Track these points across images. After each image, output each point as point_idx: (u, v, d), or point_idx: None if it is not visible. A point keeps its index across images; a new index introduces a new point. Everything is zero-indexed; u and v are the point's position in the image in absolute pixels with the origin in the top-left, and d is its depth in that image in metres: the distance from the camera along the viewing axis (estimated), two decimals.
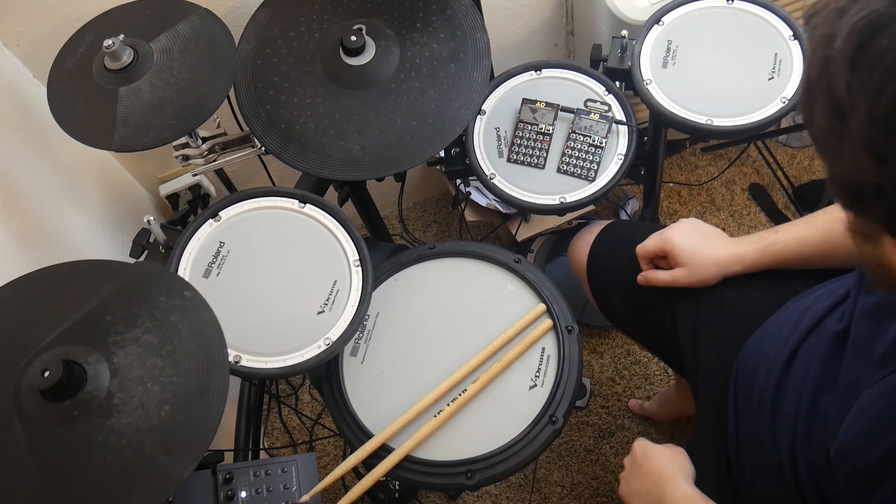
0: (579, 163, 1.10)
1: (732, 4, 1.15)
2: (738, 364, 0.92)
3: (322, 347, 0.91)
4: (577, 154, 1.10)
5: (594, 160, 1.09)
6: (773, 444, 0.82)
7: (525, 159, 1.11)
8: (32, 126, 1.12)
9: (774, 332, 0.89)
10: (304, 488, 0.87)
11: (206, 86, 0.97)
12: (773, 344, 0.87)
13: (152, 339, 0.78)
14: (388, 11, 1.08)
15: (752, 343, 0.92)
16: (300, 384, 1.71)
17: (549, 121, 1.13)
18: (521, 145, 1.12)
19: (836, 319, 0.78)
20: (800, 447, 0.77)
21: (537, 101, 1.14)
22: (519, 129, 1.13)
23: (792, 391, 0.81)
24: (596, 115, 1.11)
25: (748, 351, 0.92)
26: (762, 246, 0.95)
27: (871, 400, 0.66)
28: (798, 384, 0.80)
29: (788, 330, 0.85)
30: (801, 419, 0.78)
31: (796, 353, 0.82)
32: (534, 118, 1.13)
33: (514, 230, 1.62)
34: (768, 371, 0.84)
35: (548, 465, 1.54)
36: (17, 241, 1.01)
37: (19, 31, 1.12)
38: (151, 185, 1.43)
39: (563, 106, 1.13)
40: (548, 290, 1.00)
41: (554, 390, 0.92)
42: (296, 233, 1.00)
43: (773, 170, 1.79)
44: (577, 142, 1.10)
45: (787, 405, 0.81)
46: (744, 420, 0.88)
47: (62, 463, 0.72)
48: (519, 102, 1.14)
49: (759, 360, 0.88)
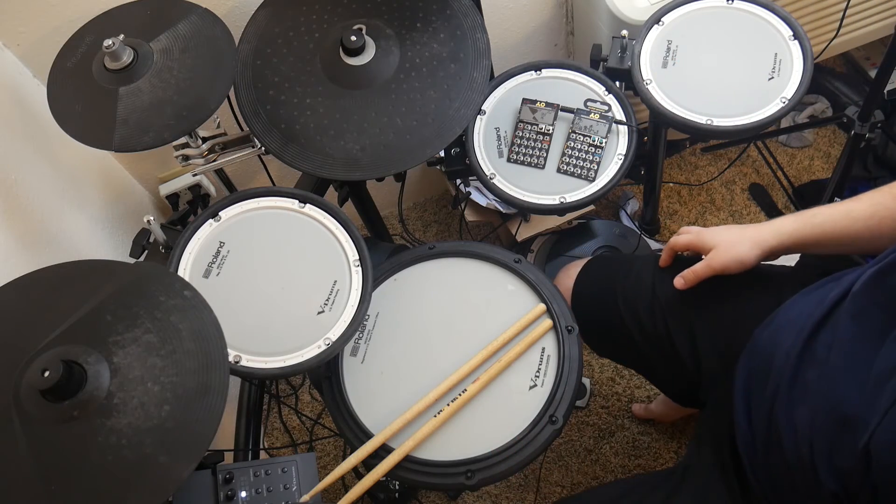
0: (579, 163, 1.10)
1: (732, 4, 1.15)
2: (748, 359, 0.91)
3: (322, 347, 0.91)
4: (577, 154, 1.10)
5: (594, 160, 1.09)
6: (791, 432, 0.80)
7: (525, 159, 1.12)
8: (32, 126, 1.12)
9: (788, 321, 0.87)
10: (304, 488, 0.86)
11: (206, 86, 0.97)
12: (789, 334, 0.84)
13: (152, 339, 0.78)
14: (388, 11, 1.08)
15: (764, 335, 0.89)
16: (300, 384, 1.71)
17: (550, 121, 1.13)
18: (522, 145, 1.12)
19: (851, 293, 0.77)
20: (818, 433, 0.75)
21: (537, 101, 1.14)
22: (519, 129, 1.13)
23: (812, 375, 0.78)
24: (596, 115, 1.11)
25: (759, 344, 0.90)
26: (803, 218, 0.90)
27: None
28: (819, 367, 0.78)
29: (805, 316, 0.83)
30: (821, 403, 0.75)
31: (818, 336, 0.79)
32: (534, 118, 1.13)
33: (514, 230, 1.62)
34: (786, 357, 0.82)
35: (548, 465, 1.54)
36: (17, 241, 1.01)
37: (19, 31, 1.12)
38: (151, 185, 1.43)
39: (563, 106, 1.13)
40: (548, 290, 1.00)
41: (554, 390, 0.92)
42: (296, 233, 1.00)
43: (773, 170, 1.79)
44: (577, 142, 1.10)
45: (806, 389, 0.79)
46: (760, 410, 0.86)
47: (62, 463, 0.72)
48: (519, 102, 1.14)
49: (773, 350, 0.85)
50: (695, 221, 1.76)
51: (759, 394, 0.86)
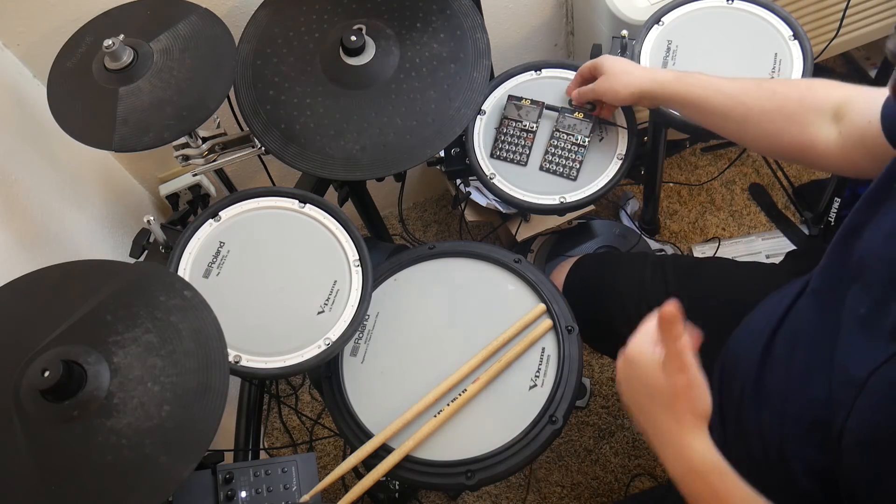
0: (562, 161, 1.10)
1: (732, 4, 1.15)
2: (721, 361, 0.92)
3: (322, 347, 0.91)
4: (559, 153, 1.10)
5: (577, 159, 1.09)
6: (758, 435, 0.81)
7: (508, 156, 1.11)
8: (32, 126, 1.12)
9: (752, 324, 0.89)
10: (304, 488, 0.87)
11: (206, 86, 0.97)
12: (752, 332, 0.87)
13: (152, 339, 0.78)
14: (388, 11, 1.08)
15: (732, 340, 0.92)
16: (300, 384, 1.71)
17: (534, 118, 1.12)
18: (505, 142, 1.12)
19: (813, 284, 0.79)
20: (788, 431, 0.76)
21: (522, 99, 1.13)
22: (504, 125, 1.13)
23: (776, 374, 0.80)
24: (580, 113, 1.11)
25: (729, 346, 0.92)
26: (680, 75, 0.98)
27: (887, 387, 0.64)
28: (783, 365, 0.79)
29: (767, 316, 0.85)
30: (789, 401, 0.77)
31: (776, 334, 0.82)
32: (518, 115, 1.13)
33: (514, 230, 1.62)
34: (749, 360, 0.84)
35: (548, 465, 1.54)
36: (17, 241, 1.01)
37: (19, 31, 1.12)
38: (151, 185, 1.43)
39: (548, 104, 1.13)
40: (548, 290, 1.00)
41: (554, 390, 0.92)
42: (296, 233, 1.00)
43: (773, 170, 1.79)
44: (560, 140, 1.10)
45: (771, 389, 0.80)
46: (730, 414, 0.88)
47: (62, 463, 0.72)
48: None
49: (738, 353, 0.88)
50: (695, 221, 1.76)
51: (728, 396, 0.88)
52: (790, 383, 0.78)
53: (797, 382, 0.77)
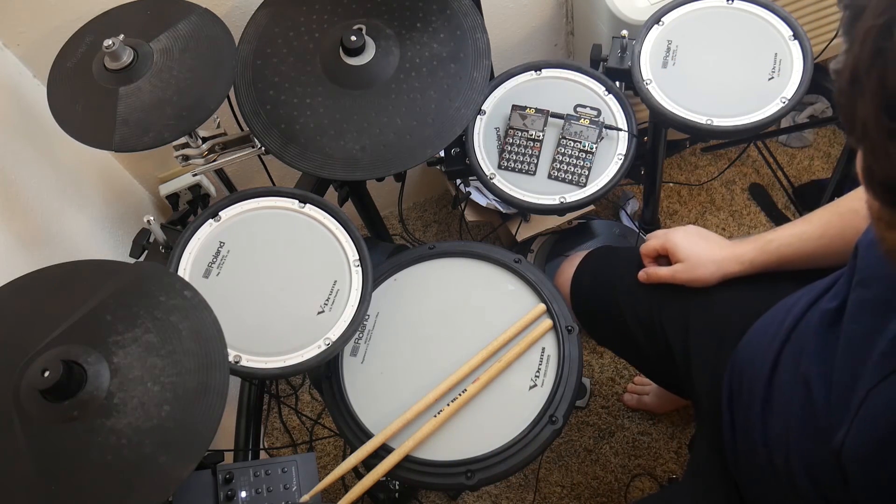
0: (570, 168, 1.09)
1: (732, 4, 1.15)
2: (731, 366, 0.92)
3: (322, 347, 0.91)
4: (567, 160, 1.10)
5: (585, 165, 1.09)
6: (763, 443, 0.81)
7: (516, 166, 1.11)
8: (32, 126, 1.12)
9: (763, 329, 0.89)
10: (304, 488, 0.87)
11: (206, 86, 0.97)
12: (762, 340, 0.87)
13: (152, 339, 0.78)
14: (388, 11, 1.08)
15: (744, 344, 0.92)
16: (300, 384, 1.71)
17: (540, 127, 1.12)
18: (512, 152, 1.12)
19: (829, 298, 0.78)
20: (794, 442, 0.76)
21: (527, 108, 1.13)
22: (510, 135, 1.12)
23: (783, 385, 0.80)
24: (586, 120, 1.11)
25: (740, 352, 0.92)
26: (760, 244, 0.96)
27: (884, 405, 0.64)
28: (790, 378, 0.79)
29: (776, 325, 0.85)
30: (794, 413, 0.77)
31: (785, 347, 0.82)
32: (524, 124, 1.12)
33: (514, 230, 1.62)
34: (759, 367, 0.84)
35: (548, 465, 1.54)
36: (17, 241, 1.01)
37: (19, 31, 1.12)
38: (151, 185, 1.43)
39: (552, 112, 1.13)
40: (548, 290, 1.00)
41: (554, 390, 0.92)
42: (296, 233, 1.00)
43: (773, 170, 1.79)
44: (567, 147, 1.10)
45: (778, 400, 0.80)
46: (739, 419, 0.88)
47: (62, 463, 0.72)
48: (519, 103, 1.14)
49: (749, 358, 0.88)
50: (695, 221, 1.76)
51: (739, 402, 0.88)
52: (794, 393, 0.78)
53: (801, 392, 0.77)
